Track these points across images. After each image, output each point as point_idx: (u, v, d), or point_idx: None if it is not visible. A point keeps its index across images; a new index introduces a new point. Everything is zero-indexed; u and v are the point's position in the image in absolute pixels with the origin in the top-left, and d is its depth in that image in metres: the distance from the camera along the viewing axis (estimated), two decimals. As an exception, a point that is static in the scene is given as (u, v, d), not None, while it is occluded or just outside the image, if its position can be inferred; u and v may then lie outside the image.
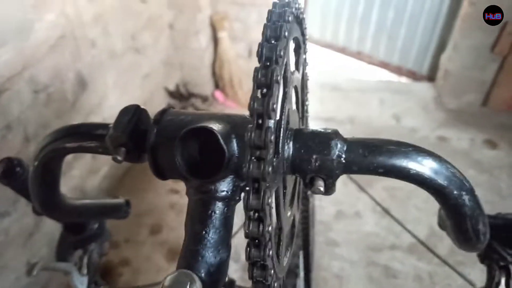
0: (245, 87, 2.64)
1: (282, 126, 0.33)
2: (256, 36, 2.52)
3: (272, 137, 0.29)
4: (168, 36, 2.43)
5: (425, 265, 1.78)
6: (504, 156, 2.28)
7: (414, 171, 0.36)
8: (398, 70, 3.19)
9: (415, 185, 0.38)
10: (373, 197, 1.77)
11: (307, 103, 0.49)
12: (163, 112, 0.40)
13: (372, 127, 2.53)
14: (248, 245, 0.30)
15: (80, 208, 0.56)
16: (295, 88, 0.41)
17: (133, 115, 0.40)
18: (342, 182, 2.15)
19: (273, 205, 0.32)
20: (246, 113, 0.33)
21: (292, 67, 0.39)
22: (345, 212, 2.01)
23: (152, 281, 1.70)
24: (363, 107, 2.74)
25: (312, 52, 3.33)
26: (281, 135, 0.33)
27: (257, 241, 0.29)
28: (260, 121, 0.28)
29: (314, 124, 0.44)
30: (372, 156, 0.36)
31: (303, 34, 0.42)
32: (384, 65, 3.25)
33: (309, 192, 0.71)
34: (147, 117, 0.42)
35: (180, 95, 2.64)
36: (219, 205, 0.37)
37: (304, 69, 0.45)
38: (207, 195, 0.37)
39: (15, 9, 1.34)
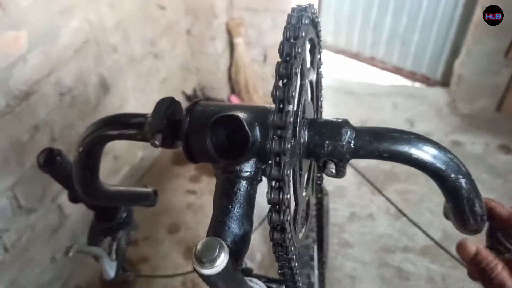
0: (260, 91, 2.69)
1: (299, 112, 0.38)
2: (271, 42, 2.58)
3: (291, 119, 0.33)
4: (185, 41, 2.50)
5: (438, 267, 1.80)
6: (518, 161, 2.28)
7: (415, 156, 0.41)
8: (411, 76, 3.20)
9: (416, 169, 0.42)
10: (388, 198, 1.79)
11: (321, 99, 0.54)
12: (195, 103, 0.45)
13: (386, 131, 2.55)
14: (269, 210, 0.34)
15: (114, 193, 0.62)
16: (311, 82, 0.46)
17: (169, 106, 0.45)
18: (356, 185, 2.18)
19: (291, 179, 0.37)
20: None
21: (308, 64, 0.44)
22: (359, 214, 2.04)
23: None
24: (377, 111, 2.76)
25: (326, 58, 3.37)
26: (298, 120, 0.38)
27: (277, 206, 0.34)
28: (281, 106, 0.33)
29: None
30: (377, 142, 0.41)
31: (318, 36, 0.47)
32: (398, 70, 3.27)
33: (323, 185, 0.75)
34: (180, 108, 0.47)
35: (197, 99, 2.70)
36: (243, 184, 0.42)
37: (319, 67, 0.50)
38: (233, 175, 0.42)
39: (44, 15, 1.42)
